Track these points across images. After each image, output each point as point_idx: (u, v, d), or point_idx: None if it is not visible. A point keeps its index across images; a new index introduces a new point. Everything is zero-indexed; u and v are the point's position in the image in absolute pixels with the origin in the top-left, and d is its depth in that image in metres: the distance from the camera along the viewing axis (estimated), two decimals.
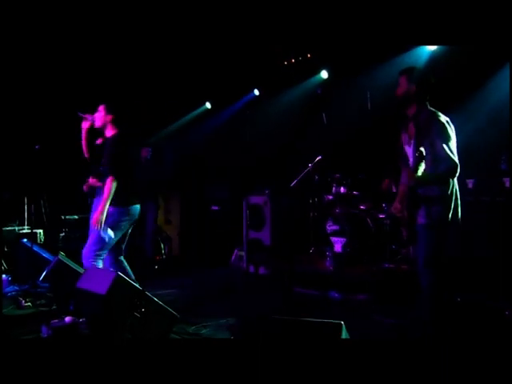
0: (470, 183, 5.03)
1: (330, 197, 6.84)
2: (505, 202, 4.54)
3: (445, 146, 3.27)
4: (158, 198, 7.91)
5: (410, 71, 3.57)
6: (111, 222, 4.37)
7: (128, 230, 4.62)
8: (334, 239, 6.45)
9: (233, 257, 7.50)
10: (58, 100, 7.58)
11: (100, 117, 4.52)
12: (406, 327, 4.15)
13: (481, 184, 4.94)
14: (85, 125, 4.63)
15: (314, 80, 7.73)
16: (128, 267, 4.68)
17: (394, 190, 6.27)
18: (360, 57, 6.66)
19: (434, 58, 6.24)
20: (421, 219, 3.39)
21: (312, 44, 6.71)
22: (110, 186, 4.32)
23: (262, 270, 6.91)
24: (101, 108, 4.52)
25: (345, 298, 5.40)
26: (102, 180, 4.49)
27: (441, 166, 3.29)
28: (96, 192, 5.98)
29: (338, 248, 6.35)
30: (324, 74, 7.51)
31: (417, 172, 3.14)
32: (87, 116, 4.59)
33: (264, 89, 8.37)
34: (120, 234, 4.49)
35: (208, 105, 9.21)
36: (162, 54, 6.86)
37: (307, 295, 5.65)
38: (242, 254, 7.18)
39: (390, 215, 6.19)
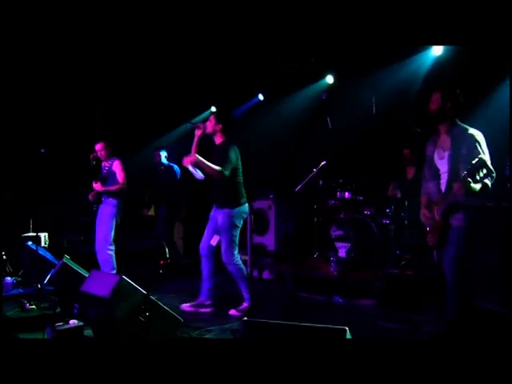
0: None
1: (335, 202, 6.83)
2: (509, 207, 4.53)
3: (481, 154, 3.45)
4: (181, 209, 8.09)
5: (444, 88, 3.78)
6: (229, 223, 5.05)
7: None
8: (338, 244, 6.44)
9: None
10: (63, 104, 7.62)
11: (211, 125, 5.08)
12: (410, 332, 4.13)
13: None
14: (197, 132, 5.09)
15: (318, 85, 7.73)
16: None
17: (399, 196, 6.27)
18: (365, 62, 6.66)
19: (437, 65, 6.24)
20: (457, 222, 3.61)
21: (317, 49, 6.71)
22: (214, 170, 4.85)
23: (265, 275, 6.91)
24: (212, 117, 5.12)
25: (349, 303, 5.39)
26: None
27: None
28: (102, 198, 6.08)
29: (342, 253, 6.34)
30: (329, 79, 7.51)
31: (473, 178, 3.30)
32: (200, 125, 5.14)
33: (269, 93, 8.37)
34: (238, 232, 5.14)
35: (213, 109, 9.21)
36: (163, 55, 6.88)
37: (311, 300, 5.64)
38: (246, 258, 7.18)
39: (395, 220, 6.19)
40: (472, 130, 3.65)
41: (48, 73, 7.04)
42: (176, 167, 7.75)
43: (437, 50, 6.19)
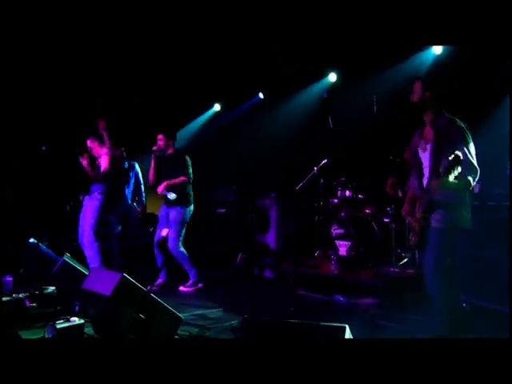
0: (476, 188, 5.03)
1: (336, 200, 6.83)
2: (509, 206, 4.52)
3: (466, 149, 3.32)
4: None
5: (425, 77, 3.72)
6: (180, 218, 5.95)
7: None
8: (339, 243, 6.44)
9: (238, 259, 7.50)
10: (64, 102, 7.63)
11: (163, 143, 6.10)
12: (410, 332, 4.14)
13: (487, 189, 4.94)
14: (154, 156, 6.12)
15: (320, 83, 7.73)
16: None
17: (400, 195, 6.26)
18: (366, 61, 6.67)
19: (438, 63, 6.24)
20: (436, 223, 3.44)
21: (318, 48, 6.70)
22: (183, 180, 5.93)
23: (266, 273, 6.91)
24: (161, 137, 6.07)
25: (349, 301, 5.39)
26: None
27: (461, 170, 3.25)
28: (90, 190, 6.08)
29: (342, 252, 6.34)
30: (331, 78, 7.52)
31: (450, 175, 3.10)
32: (156, 149, 6.06)
33: (269, 92, 8.37)
34: (185, 226, 6.04)
35: (217, 107, 9.23)
36: (163, 55, 6.89)
37: (312, 298, 5.64)
38: (247, 256, 7.19)
39: (396, 219, 6.19)
40: (458, 123, 3.46)
41: (48, 72, 7.06)
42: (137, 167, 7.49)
43: (437, 49, 6.21)
